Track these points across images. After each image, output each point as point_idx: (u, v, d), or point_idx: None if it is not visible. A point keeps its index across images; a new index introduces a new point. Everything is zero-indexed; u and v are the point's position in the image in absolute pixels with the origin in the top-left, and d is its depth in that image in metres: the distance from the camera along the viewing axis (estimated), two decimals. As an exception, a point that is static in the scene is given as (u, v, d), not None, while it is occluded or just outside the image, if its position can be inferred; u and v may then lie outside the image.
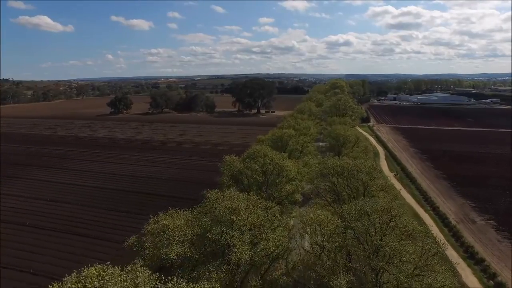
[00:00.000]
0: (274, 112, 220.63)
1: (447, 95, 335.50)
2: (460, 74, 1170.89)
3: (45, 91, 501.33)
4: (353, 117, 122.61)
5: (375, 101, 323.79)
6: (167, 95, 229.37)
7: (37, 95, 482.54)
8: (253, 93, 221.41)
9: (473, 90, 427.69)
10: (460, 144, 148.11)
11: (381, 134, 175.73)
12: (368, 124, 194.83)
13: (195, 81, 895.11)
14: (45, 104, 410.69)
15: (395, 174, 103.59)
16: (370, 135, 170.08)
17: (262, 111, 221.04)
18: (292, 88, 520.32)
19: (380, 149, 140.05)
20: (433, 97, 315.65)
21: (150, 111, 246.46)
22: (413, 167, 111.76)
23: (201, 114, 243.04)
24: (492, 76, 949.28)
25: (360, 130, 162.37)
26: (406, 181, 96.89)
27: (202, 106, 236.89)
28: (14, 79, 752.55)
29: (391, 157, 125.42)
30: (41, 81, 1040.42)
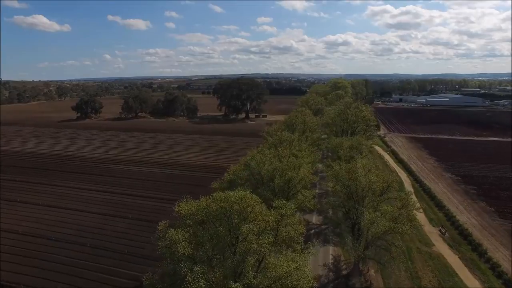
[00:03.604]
0: (265, 116, 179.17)
1: (459, 96, 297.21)
2: (459, 74, 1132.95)
3: (20, 92, 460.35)
4: (368, 133, 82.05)
5: (379, 102, 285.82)
6: (141, 98, 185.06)
7: (12, 96, 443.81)
8: (241, 95, 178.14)
9: (480, 91, 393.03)
10: (510, 164, 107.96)
11: (397, 148, 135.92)
12: (379, 133, 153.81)
13: (190, 81, 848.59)
14: (16, 106, 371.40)
15: (440, 231, 63.55)
16: (384, 150, 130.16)
17: (252, 115, 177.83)
18: (289, 89, 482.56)
19: (402, 174, 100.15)
20: (444, 98, 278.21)
21: (123, 116, 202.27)
22: (464, 213, 71.61)
23: (180, 119, 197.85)
24: (491, 76, 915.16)
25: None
26: (465, 249, 56.72)
27: (182, 110, 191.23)
28: (1, 79, 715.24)
29: (423, 191, 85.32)
30: (32, 81, 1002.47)
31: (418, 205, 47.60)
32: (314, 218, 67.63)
